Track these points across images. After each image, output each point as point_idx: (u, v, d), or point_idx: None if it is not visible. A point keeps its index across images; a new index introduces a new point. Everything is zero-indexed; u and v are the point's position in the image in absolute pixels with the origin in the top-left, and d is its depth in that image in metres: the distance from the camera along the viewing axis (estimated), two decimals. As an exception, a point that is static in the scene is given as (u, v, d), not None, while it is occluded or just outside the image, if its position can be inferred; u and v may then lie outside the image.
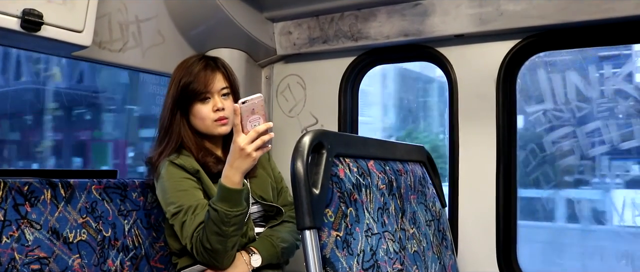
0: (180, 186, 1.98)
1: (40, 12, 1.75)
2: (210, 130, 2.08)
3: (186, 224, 1.91)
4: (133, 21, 2.36)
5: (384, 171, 1.80)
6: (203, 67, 2.08)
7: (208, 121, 2.07)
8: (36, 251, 1.80)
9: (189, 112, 2.09)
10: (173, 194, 1.97)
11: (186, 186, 1.99)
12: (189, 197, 1.96)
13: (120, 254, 2.07)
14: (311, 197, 1.36)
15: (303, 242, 1.36)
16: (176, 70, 2.12)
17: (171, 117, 2.08)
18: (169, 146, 2.07)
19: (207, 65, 2.10)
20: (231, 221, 1.83)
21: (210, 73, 2.08)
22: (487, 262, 2.39)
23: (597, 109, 3.81)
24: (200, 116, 2.07)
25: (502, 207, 2.38)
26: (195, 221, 1.90)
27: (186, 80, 2.06)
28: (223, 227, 1.82)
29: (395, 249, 1.72)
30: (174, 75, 2.11)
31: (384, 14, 2.54)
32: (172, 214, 1.96)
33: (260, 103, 1.77)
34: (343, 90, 2.77)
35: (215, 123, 2.07)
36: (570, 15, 2.16)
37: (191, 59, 2.13)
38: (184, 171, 2.01)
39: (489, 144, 2.39)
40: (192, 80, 2.05)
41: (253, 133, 1.76)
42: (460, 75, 2.46)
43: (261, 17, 2.76)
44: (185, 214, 1.92)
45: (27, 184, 1.82)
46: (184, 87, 2.05)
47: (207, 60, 2.12)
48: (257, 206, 2.15)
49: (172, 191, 1.98)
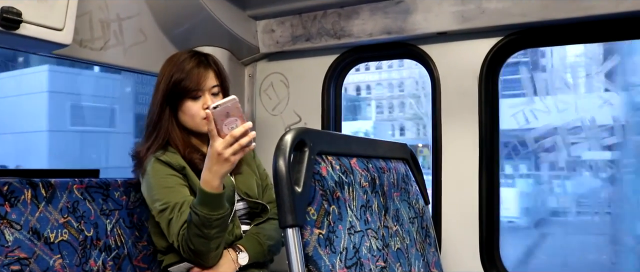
0: (166, 182, 1.97)
1: (18, 10, 1.73)
2: (198, 128, 2.06)
3: (173, 222, 1.90)
4: (114, 19, 2.34)
5: (366, 169, 1.80)
6: (196, 64, 2.05)
7: (197, 119, 2.05)
8: (16, 252, 1.78)
9: (178, 108, 2.06)
10: (159, 191, 1.96)
11: (172, 183, 1.98)
12: (175, 195, 1.94)
13: (103, 253, 2.05)
14: (293, 195, 1.35)
15: (285, 240, 1.36)
16: (166, 66, 2.09)
17: (160, 112, 2.06)
18: (157, 141, 2.05)
19: (200, 63, 2.07)
20: (213, 224, 1.81)
21: (203, 70, 2.06)
22: (470, 259, 2.40)
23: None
24: (189, 113, 2.05)
25: (485, 204, 2.39)
26: (180, 218, 1.89)
27: (178, 76, 2.03)
28: (205, 230, 1.81)
29: (379, 247, 1.72)
30: (164, 70, 2.08)
31: (367, 11, 2.54)
32: (158, 211, 1.94)
33: (234, 105, 1.73)
34: (326, 88, 2.77)
35: (204, 120, 2.04)
36: (551, 13, 2.18)
37: (182, 54, 2.10)
38: (170, 168, 1.99)
39: (472, 141, 2.41)
40: (184, 77, 2.02)
41: (229, 137, 1.72)
42: (443, 73, 2.47)
43: (244, 15, 2.76)
44: (171, 211, 1.91)
45: (6, 184, 1.80)
46: (175, 83, 2.03)
47: (200, 57, 2.09)
48: (242, 202, 2.14)
49: (157, 188, 1.96)
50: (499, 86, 2.45)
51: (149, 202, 2.00)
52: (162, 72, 2.09)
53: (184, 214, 1.89)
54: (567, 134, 9.23)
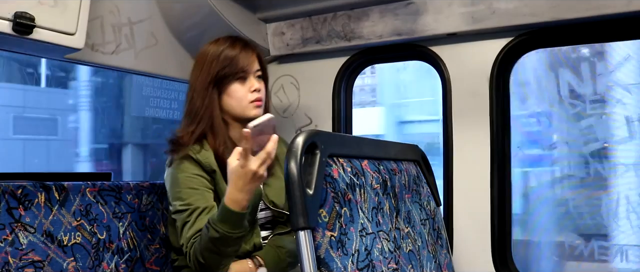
0: (192, 182, 1.93)
1: (32, 15, 1.75)
2: (245, 113, 2.02)
3: (187, 226, 1.87)
4: (126, 23, 2.36)
5: (378, 171, 1.80)
6: (242, 46, 2.04)
7: (244, 102, 2.02)
8: (30, 255, 1.79)
9: (224, 92, 2.02)
10: (183, 190, 1.92)
11: (198, 185, 1.94)
12: (198, 198, 1.91)
13: (115, 256, 2.06)
14: (305, 197, 1.36)
15: (297, 243, 1.36)
16: (209, 49, 2.05)
17: (205, 95, 2.01)
18: (201, 125, 2.00)
19: (246, 46, 2.06)
20: (230, 243, 1.76)
21: (250, 53, 2.04)
22: (482, 260, 2.39)
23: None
24: (236, 96, 2.01)
25: (497, 205, 2.38)
26: (196, 225, 1.85)
27: (227, 56, 2.00)
28: (221, 247, 1.76)
29: (390, 249, 1.72)
30: (206, 54, 2.04)
31: (377, 13, 2.54)
32: (176, 210, 1.92)
33: (270, 123, 1.68)
34: (337, 90, 2.77)
35: (251, 104, 2.02)
36: (562, 12, 2.17)
37: (225, 38, 2.07)
38: (200, 168, 1.95)
39: (483, 142, 2.40)
40: (232, 59, 2.00)
41: (264, 154, 1.67)
42: (454, 74, 2.47)
43: (254, 18, 2.76)
44: (189, 214, 1.88)
45: (20, 188, 1.81)
46: (223, 65, 2.00)
47: (244, 41, 2.08)
48: (266, 211, 2.09)
49: (182, 187, 1.92)
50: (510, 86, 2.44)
51: (170, 197, 1.97)
52: (205, 55, 2.05)
53: (200, 221, 1.85)
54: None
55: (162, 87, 6.24)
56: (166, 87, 6.21)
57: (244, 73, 2.01)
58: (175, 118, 6.33)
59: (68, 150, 8.35)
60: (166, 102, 6.34)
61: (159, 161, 9.22)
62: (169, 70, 2.62)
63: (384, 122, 8.06)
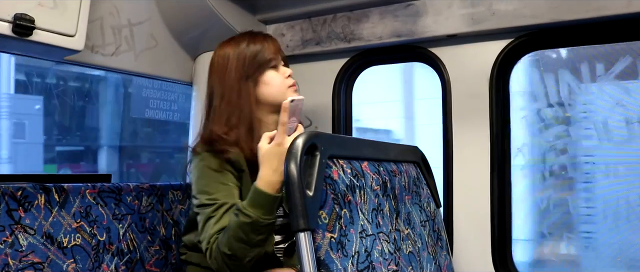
0: (222, 178, 1.88)
1: (31, 17, 1.75)
2: (285, 97, 1.92)
3: (212, 221, 1.80)
4: (125, 25, 2.36)
5: (378, 172, 1.80)
6: (263, 36, 2.05)
7: (283, 87, 2.01)
8: (30, 256, 1.79)
9: (258, 83, 1.99)
10: (211, 184, 1.86)
11: (227, 180, 1.88)
12: (226, 194, 1.85)
13: (115, 258, 2.06)
14: (305, 199, 1.36)
15: (297, 244, 1.36)
16: (227, 49, 2.03)
17: (239, 90, 1.97)
18: (242, 123, 1.95)
19: (266, 35, 2.07)
20: (261, 230, 1.70)
21: (271, 41, 2.05)
22: (483, 262, 2.39)
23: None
24: (274, 83, 2.00)
25: (497, 207, 2.38)
26: (221, 222, 1.79)
27: (254, 48, 1.99)
28: (251, 234, 1.70)
29: (390, 250, 1.72)
30: (226, 54, 2.01)
31: (377, 15, 2.54)
32: (201, 204, 1.85)
33: (300, 106, 1.72)
34: (336, 91, 2.77)
35: (290, 89, 2.02)
36: (562, 14, 2.17)
37: (242, 34, 2.07)
38: (230, 164, 1.90)
39: (483, 144, 2.40)
40: (260, 48, 2.00)
41: (297, 134, 1.62)
42: (453, 76, 2.47)
43: (254, 20, 2.76)
44: (215, 210, 1.81)
45: (20, 189, 1.81)
46: (253, 55, 1.99)
47: (260, 32, 2.09)
48: (282, 219, 2.02)
49: (211, 180, 1.87)
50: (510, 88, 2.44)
51: (195, 189, 1.89)
52: (225, 56, 2.02)
53: (225, 219, 1.79)
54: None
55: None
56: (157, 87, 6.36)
57: (275, 59, 2.02)
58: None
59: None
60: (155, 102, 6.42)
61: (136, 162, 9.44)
62: (169, 72, 2.63)
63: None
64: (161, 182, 2.32)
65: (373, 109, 7.16)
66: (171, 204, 2.30)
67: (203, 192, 1.86)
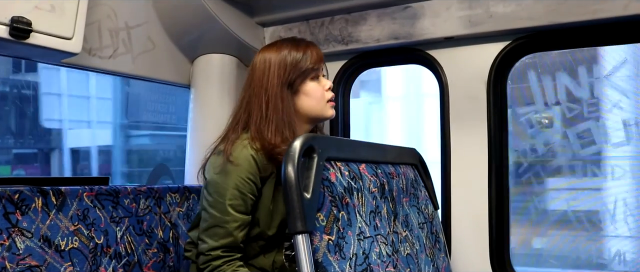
0: (244, 186, 1.84)
1: (28, 20, 1.75)
2: (323, 112, 1.97)
3: (219, 231, 1.81)
4: (123, 28, 2.36)
5: (375, 174, 1.80)
6: (306, 44, 1.99)
7: (322, 101, 1.97)
8: (28, 260, 1.79)
9: (298, 93, 1.95)
10: (231, 191, 1.83)
11: (247, 191, 1.85)
12: (244, 207, 1.85)
13: (113, 261, 2.06)
14: (302, 201, 1.36)
15: (295, 246, 1.36)
16: (270, 54, 1.96)
17: (281, 99, 1.91)
18: (289, 132, 1.89)
19: (310, 43, 2.00)
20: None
21: (315, 51, 1.98)
22: (481, 264, 2.39)
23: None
24: (315, 95, 1.95)
25: (495, 208, 2.39)
26: (228, 238, 1.81)
27: (297, 55, 1.93)
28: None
29: (388, 252, 1.72)
30: (268, 59, 1.95)
31: (374, 17, 2.55)
32: (211, 205, 1.85)
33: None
34: (334, 93, 2.76)
35: (328, 104, 1.98)
36: (560, 16, 2.18)
37: (286, 40, 2.01)
38: (258, 169, 1.86)
39: (481, 146, 2.40)
40: (301, 56, 1.94)
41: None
42: (451, 78, 2.47)
43: (252, 22, 2.76)
44: (223, 222, 1.82)
45: (17, 192, 1.81)
46: (294, 63, 1.92)
47: (305, 40, 2.02)
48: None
49: (232, 186, 1.83)
50: (508, 90, 2.45)
51: (212, 187, 1.88)
52: (267, 60, 1.96)
53: (226, 238, 1.81)
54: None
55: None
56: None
57: (317, 70, 1.98)
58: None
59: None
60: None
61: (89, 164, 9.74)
62: (167, 75, 2.62)
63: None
64: (159, 185, 2.32)
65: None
66: (169, 206, 2.30)
67: (220, 194, 1.84)
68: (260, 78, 1.96)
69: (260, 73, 1.97)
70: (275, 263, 1.95)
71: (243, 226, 1.85)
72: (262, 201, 1.89)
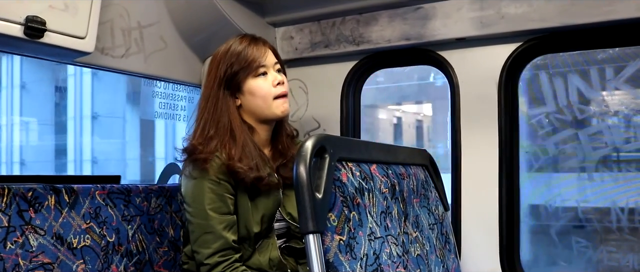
0: (218, 187, 1.83)
1: (43, 19, 1.76)
2: (271, 111, 1.89)
3: (209, 238, 1.82)
4: (135, 27, 2.37)
5: (386, 175, 1.80)
6: (251, 39, 1.93)
7: (269, 99, 1.87)
8: (40, 257, 1.80)
9: (241, 92, 1.88)
10: (207, 195, 1.82)
11: (223, 190, 1.84)
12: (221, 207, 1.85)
13: (124, 259, 2.07)
14: (314, 201, 1.36)
15: (306, 246, 1.36)
16: (219, 51, 1.95)
17: (216, 98, 1.87)
18: (219, 133, 1.85)
19: (255, 38, 1.93)
20: None
21: (261, 45, 1.92)
22: (491, 265, 2.39)
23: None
24: (260, 93, 1.87)
25: (505, 210, 2.38)
26: (220, 241, 1.82)
27: (235, 54, 1.88)
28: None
29: (399, 253, 1.72)
30: (215, 56, 1.94)
31: (386, 18, 2.55)
32: (192, 215, 1.86)
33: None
34: (345, 94, 2.77)
35: (277, 101, 1.89)
36: (571, 17, 2.17)
37: (234, 36, 1.96)
38: (229, 185, 1.85)
39: (492, 147, 2.39)
40: (239, 53, 1.88)
41: None
42: (462, 79, 2.47)
43: (263, 22, 2.77)
44: (211, 226, 1.83)
45: (31, 190, 1.82)
46: (233, 62, 1.86)
47: (252, 37, 1.95)
48: (282, 222, 2.00)
49: (207, 191, 1.82)
50: (519, 92, 2.44)
51: (188, 198, 1.87)
52: (214, 58, 1.94)
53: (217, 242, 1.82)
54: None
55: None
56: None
57: (262, 67, 1.90)
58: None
59: None
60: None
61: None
62: (178, 74, 2.64)
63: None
64: (170, 184, 2.33)
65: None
66: (180, 205, 2.31)
67: (199, 201, 1.84)
68: (206, 78, 1.95)
69: (207, 73, 1.96)
70: (272, 261, 1.94)
71: (229, 225, 1.85)
72: (239, 200, 1.89)
